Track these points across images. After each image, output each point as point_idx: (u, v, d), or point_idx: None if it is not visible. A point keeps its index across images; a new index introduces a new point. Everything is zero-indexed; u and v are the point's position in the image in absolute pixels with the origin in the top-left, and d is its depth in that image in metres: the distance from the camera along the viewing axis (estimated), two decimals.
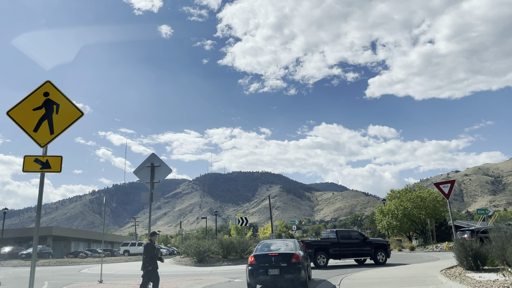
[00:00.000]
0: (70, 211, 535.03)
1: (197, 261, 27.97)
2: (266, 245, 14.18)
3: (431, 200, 44.05)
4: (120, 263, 39.75)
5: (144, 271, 10.87)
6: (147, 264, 10.80)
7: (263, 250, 13.62)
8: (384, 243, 23.93)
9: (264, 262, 12.50)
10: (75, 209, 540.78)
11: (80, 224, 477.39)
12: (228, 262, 27.57)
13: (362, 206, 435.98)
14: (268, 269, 12.29)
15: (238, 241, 28.96)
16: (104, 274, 22.42)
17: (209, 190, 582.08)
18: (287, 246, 13.65)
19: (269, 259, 12.53)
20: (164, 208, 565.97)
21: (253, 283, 12.58)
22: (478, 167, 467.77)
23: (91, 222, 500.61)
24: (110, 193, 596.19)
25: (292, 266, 12.24)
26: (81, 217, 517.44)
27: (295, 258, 12.40)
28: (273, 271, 12.22)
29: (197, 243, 28.39)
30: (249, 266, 12.76)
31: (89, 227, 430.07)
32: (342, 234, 23.44)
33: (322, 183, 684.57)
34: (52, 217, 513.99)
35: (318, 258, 21.63)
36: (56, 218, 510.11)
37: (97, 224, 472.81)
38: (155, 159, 13.48)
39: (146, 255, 10.93)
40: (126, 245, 50.47)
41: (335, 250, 22.29)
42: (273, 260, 12.44)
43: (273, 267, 12.28)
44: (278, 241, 14.63)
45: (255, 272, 12.47)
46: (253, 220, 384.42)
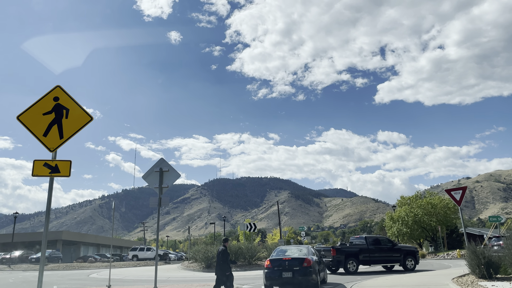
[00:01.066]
0: (80, 216, 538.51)
1: (205, 266, 27.90)
2: (282, 251, 15.42)
3: (442, 207, 43.47)
4: (129, 268, 39.84)
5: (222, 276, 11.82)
6: (225, 269, 11.78)
7: (279, 255, 14.88)
8: (413, 249, 23.83)
9: (279, 266, 13.80)
10: (85, 213, 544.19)
11: (89, 229, 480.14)
12: (236, 268, 27.43)
13: (372, 212, 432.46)
14: (282, 272, 13.57)
15: (246, 247, 28.83)
16: (112, 279, 22.44)
17: (217, 195, 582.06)
18: (301, 251, 14.86)
19: (283, 263, 13.82)
20: (173, 213, 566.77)
21: (269, 285, 13.96)
22: (490, 173, 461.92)
23: (101, 226, 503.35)
24: (120, 198, 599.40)
25: (303, 269, 13.43)
26: (90, 221, 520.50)
27: (306, 262, 13.58)
28: (287, 274, 13.48)
29: (205, 248, 28.33)
30: (265, 269, 14.13)
31: (99, 232, 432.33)
32: (371, 240, 23.37)
33: (331, 189, 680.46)
34: (62, 222, 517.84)
35: (349, 264, 21.65)
36: (66, 222, 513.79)
37: (107, 228, 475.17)
38: (164, 164, 13.48)
39: (224, 260, 11.87)
40: (134, 250, 50.57)
41: (365, 256, 22.27)
42: (287, 264, 13.70)
43: (286, 271, 13.54)
44: (292, 247, 15.86)
45: (270, 274, 13.83)
46: (262, 226, 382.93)
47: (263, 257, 30.15)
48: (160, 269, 30.90)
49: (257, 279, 19.73)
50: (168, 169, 13.40)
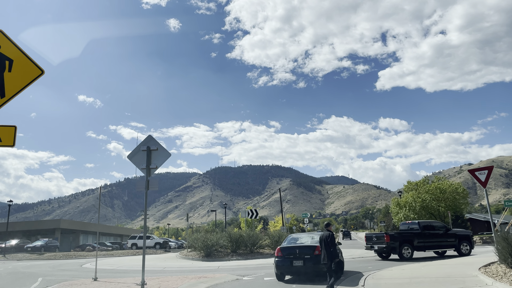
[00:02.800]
0: (83, 205, 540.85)
1: (205, 255, 26.50)
2: (293, 239, 14.89)
3: (451, 191, 41.92)
4: (127, 256, 38.55)
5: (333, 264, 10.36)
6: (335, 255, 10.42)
7: (290, 243, 14.38)
8: (467, 234, 22.95)
9: (289, 254, 13.36)
10: (88, 202, 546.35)
11: (92, 217, 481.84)
12: (237, 256, 26.05)
13: (373, 199, 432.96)
14: (293, 261, 13.12)
15: (247, 235, 27.39)
16: (105, 269, 21.04)
17: (219, 183, 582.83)
18: (313, 239, 14.16)
19: (293, 251, 13.39)
20: (175, 201, 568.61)
21: (280, 274, 13.56)
22: (492, 159, 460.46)
23: (103, 215, 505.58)
24: (122, 186, 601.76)
25: (315, 258, 12.75)
26: (93, 210, 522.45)
27: (318, 250, 12.73)
28: (297, 263, 13.04)
29: (204, 236, 26.90)
30: (276, 258, 13.65)
31: (101, 220, 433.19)
32: (425, 225, 22.52)
33: (333, 177, 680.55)
34: (65, 210, 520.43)
35: (403, 251, 21.01)
36: (69, 211, 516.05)
37: (110, 217, 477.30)
38: (152, 142, 11.87)
39: (333, 246, 10.45)
40: (133, 238, 49.31)
41: (419, 242, 21.59)
42: (298, 252, 13.27)
43: (297, 259, 13.10)
44: (305, 235, 15.35)
45: (281, 263, 13.40)
46: (264, 213, 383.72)
47: (265, 245, 28.76)
48: (158, 258, 29.55)
49: (259, 269, 18.28)
50: (157, 148, 11.79)
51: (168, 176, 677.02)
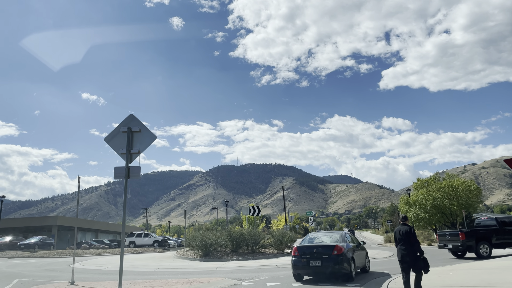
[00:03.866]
0: (86, 202, 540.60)
1: (203, 255, 24.66)
2: (312, 238, 14.34)
3: (464, 189, 39.84)
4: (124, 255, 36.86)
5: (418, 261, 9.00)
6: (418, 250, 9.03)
7: (307, 242, 13.83)
8: None
9: (307, 253, 12.73)
10: (91, 199, 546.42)
11: (96, 215, 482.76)
12: (237, 256, 24.19)
13: (377, 198, 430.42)
14: (310, 261, 12.52)
15: (249, 233, 25.53)
16: (92, 270, 19.29)
17: (222, 182, 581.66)
18: (331, 238, 13.59)
19: (311, 250, 12.75)
20: (178, 199, 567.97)
21: (297, 274, 12.99)
22: (496, 159, 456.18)
23: (107, 212, 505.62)
24: None
25: (333, 258, 12.28)
26: (97, 207, 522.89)
27: (337, 250, 12.40)
28: (315, 263, 12.43)
29: (202, 235, 25.04)
30: (293, 258, 13.06)
31: (105, 218, 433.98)
32: (503, 221, 21.09)
33: (336, 176, 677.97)
34: (69, 208, 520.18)
35: (481, 248, 19.81)
36: (72, 208, 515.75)
37: (113, 214, 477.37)
38: (134, 122, 10.00)
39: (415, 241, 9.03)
40: (131, 236, 47.60)
41: (498, 238, 20.15)
42: (315, 252, 12.64)
43: (314, 259, 12.49)
44: (324, 233, 14.88)
45: (297, 263, 12.80)
46: (266, 212, 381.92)
47: (268, 244, 26.91)
48: (153, 258, 27.74)
49: (261, 271, 16.42)
50: (140, 129, 9.93)
51: (171, 174, 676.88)
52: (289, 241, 28.34)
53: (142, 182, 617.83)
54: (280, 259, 23.19)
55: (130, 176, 9.54)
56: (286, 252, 26.44)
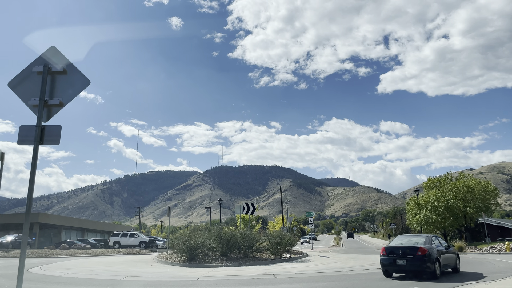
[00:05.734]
0: (82, 201, 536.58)
1: (187, 259, 21.09)
2: (400, 239, 15.89)
3: (480, 190, 36.27)
4: (102, 257, 33.21)
5: None
6: None
7: (395, 243, 15.28)
8: None
9: (393, 253, 14.37)
10: (87, 198, 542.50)
11: (91, 214, 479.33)
12: (227, 262, 20.63)
13: (374, 202, 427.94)
14: (396, 260, 14.14)
15: (242, 235, 21.96)
16: (48, 276, 15.73)
17: (219, 183, 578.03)
18: (417, 240, 15.01)
19: (397, 251, 14.31)
20: (175, 199, 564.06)
21: (384, 271, 14.77)
22: (494, 165, 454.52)
23: (102, 212, 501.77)
24: (122, 183, 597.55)
25: (417, 258, 13.75)
26: (92, 206, 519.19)
27: (421, 251, 13.84)
28: (400, 261, 14.04)
29: (187, 235, 21.44)
30: (381, 256, 14.78)
31: (100, 217, 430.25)
32: None
33: (333, 178, 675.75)
34: (64, 206, 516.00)
35: None
36: (68, 207, 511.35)
37: (109, 214, 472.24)
38: (56, 59, 6.40)
39: None
40: (116, 236, 43.96)
41: None
42: (401, 252, 14.18)
43: (400, 258, 14.07)
44: (411, 236, 16.50)
45: (385, 261, 14.53)
46: (263, 213, 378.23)
47: (264, 248, 23.33)
48: (130, 261, 24.04)
49: (253, 285, 12.84)
50: (65, 69, 6.34)
51: (168, 174, 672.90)
52: (288, 245, 24.80)
53: (139, 181, 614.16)
54: (278, 266, 19.65)
55: (45, 140, 5.97)
56: (285, 258, 22.86)
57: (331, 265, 20.19)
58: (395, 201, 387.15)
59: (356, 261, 22.13)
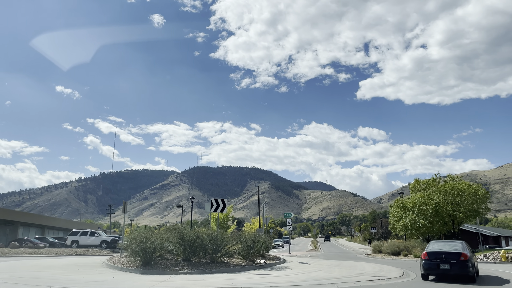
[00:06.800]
0: (55, 198, 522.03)
1: (142, 264, 17.59)
2: (437, 244, 16.54)
3: (470, 193, 33.84)
4: (55, 258, 29.27)
5: None
6: None
7: (435, 248, 15.97)
8: None
9: (436, 258, 15.18)
10: (60, 195, 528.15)
11: (64, 211, 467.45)
12: (190, 268, 17.22)
13: (350, 206, 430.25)
14: (440, 264, 14.99)
15: (208, 236, 18.59)
16: None
17: (197, 183, 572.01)
18: (457, 246, 15.80)
19: (440, 256, 15.16)
20: (151, 199, 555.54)
21: (426, 274, 15.66)
22: (467, 173, 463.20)
23: (76, 209, 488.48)
24: (97, 181, 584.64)
25: (461, 263, 14.73)
26: (65, 204, 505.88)
27: (463, 256, 14.84)
28: (444, 266, 14.91)
29: (142, 236, 17.91)
30: (423, 260, 15.57)
31: (74, 215, 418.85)
32: None
33: (311, 182, 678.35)
34: (36, 203, 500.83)
35: None
36: (40, 203, 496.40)
37: (82, 212, 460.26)
38: None
39: None
40: (75, 234, 39.80)
41: None
42: (444, 257, 15.05)
43: (444, 263, 14.94)
44: (447, 242, 17.01)
45: (428, 265, 15.34)
46: (241, 215, 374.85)
47: (234, 252, 19.99)
48: (73, 265, 20.13)
49: None
50: None
51: (145, 173, 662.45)
52: (263, 248, 21.53)
53: (114, 179, 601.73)
54: (249, 274, 16.37)
55: None
56: (258, 264, 19.57)
57: (313, 274, 17.05)
58: (370, 205, 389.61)
59: (341, 270, 19.05)
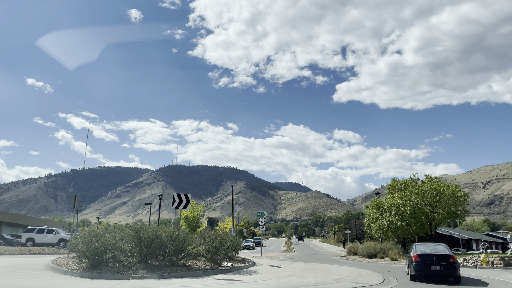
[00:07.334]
0: (23, 194, 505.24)
1: (90, 266, 15.32)
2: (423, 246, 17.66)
3: (449, 195, 32.77)
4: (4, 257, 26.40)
5: None
6: None
7: (423, 250, 16.90)
8: None
9: (428, 260, 16.08)
10: (29, 191, 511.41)
11: (32, 208, 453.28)
12: (146, 272, 15.05)
13: (324, 207, 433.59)
14: (431, 266, 15.92)
15: (169, 235, 16.45)
16: None
17: (172, 181, 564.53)
18: (443, 249, 17.07)
19: (431, 258, 16.10)
20: (124, 197, 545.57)
21: (417, 275, 16.42)
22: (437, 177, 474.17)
23: (45, 206, 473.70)
24: (68, 177, 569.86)
25: (450, 264, 15.86)
26: (34, 200, 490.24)
27: (452, 258, 16.05)
28: (435, 267, 15.87)
29: (92, 234, 15.62)
30: (414, 262, 16.31)
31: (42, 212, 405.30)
32: None
33: (286, 183, 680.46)
34: (3, 199, 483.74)
35: None
36: (6, 199, 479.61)
37: (51, 209, 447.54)
38: None
39: None
40: (30, 232, 36.80)
41: None
42: (435, 259, 16.02)
43: (435, 264, 15.89)
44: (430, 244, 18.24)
45: (420, 267, 16.12)
46: (215, 215, 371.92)
47: (198, 253, 17.88)
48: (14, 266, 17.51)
49: None
50: None
51: (119, 170, 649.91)
52: (231, 250, 19.53)
53: (86, 176, 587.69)
54: (212, 280, 14.33)
55: None
56: (224, 268, 17.55)
57: (285, 280, 15.16)
58: (344, 207, 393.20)
59: (316, 275, 17.24)
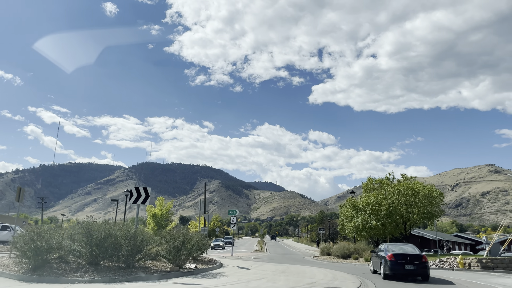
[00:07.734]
0: None
1: (32, 268, 13.43)
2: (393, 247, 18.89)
3: (424, 195, 32.12)
4: None
5: None
6: None
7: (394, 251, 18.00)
8: None
9: (402, 259, 17.12)
10: None
11: None
12: (96, 275, 13.28)
13: (298, 207, 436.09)
14: (405, 265, 16.96)
15: (124, 234, 14.69)
16: None
17: (145, 179, 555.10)
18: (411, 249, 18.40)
19: (405, 258, 17.18)
20: (95, 194, 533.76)
21: (392, 275, 17.30)
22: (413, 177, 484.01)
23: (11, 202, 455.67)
24: (36, 173, 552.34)
25: (422, 264, 17.05)
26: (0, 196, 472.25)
27: (424, 258, 17.32)
28: (409, 267, 16.94)
29: (35, 232, 13.71)
30: (388, 261, 17.25)
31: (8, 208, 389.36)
32: None
33: (261, 182, 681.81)
34: None
35: None
36: None
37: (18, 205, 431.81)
38: None
39: None
40: None
41: None
42: (409, 258, 17.11)
43: (409, 264, 16.96)
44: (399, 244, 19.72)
45: (394, 266, 17.11)
46: (189, 213, 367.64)
47: (157, 254, 16.16)
48: None
49: None
50: None
51: (90, 166, 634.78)
52: (196, 250, 17.93)
53: (55, 172, 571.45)
54: (170, 284, 12.72)
55: None
56: (187, 270, 15.91)
57: (253, 284, 13.66)
58: (318, 207, 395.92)
59: (288, 278, 15.83)
